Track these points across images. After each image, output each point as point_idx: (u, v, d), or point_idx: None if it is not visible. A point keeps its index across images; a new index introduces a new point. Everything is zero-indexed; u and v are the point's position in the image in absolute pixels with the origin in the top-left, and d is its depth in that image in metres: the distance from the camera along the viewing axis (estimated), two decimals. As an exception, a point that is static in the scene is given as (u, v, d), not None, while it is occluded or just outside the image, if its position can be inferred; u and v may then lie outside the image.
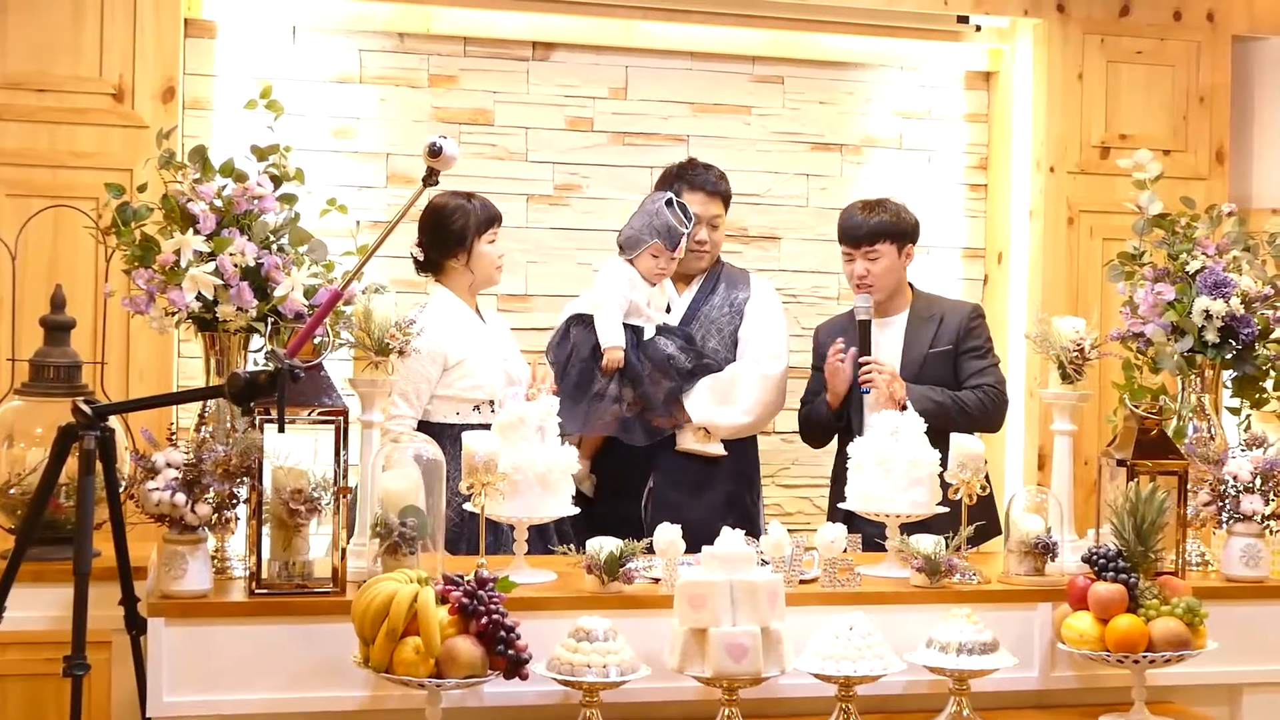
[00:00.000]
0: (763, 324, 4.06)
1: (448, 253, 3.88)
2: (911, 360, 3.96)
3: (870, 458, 3.40)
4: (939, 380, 3.93)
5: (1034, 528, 3.27)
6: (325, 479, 2.93)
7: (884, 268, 3.98)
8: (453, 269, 3.90)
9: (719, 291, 4.07)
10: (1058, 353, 3.41)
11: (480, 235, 3.86)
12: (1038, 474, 4.78)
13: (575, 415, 3.82)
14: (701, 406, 3.93)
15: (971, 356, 3.98)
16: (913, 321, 4.02)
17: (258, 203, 3.20)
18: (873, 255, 3.98)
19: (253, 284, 3.12)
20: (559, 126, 4.83)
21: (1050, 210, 4.90)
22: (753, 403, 3.99)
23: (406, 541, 2.93)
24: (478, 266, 3.88)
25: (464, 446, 3.10)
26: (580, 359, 3.90)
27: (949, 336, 3.99)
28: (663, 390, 3.88)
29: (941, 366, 3.97)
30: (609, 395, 3.86)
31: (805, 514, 4.99)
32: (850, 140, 5.07)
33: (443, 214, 3.87)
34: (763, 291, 4.14)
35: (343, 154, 4.65)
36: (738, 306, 4.05)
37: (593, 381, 3.87)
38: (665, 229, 3.90)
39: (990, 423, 3.97)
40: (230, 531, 3.07)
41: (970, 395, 3.92)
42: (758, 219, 4.98)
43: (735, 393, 3.97)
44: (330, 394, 2.99)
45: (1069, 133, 4.91)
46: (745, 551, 2.91)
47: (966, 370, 3.97)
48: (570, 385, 3.86)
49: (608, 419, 3.87)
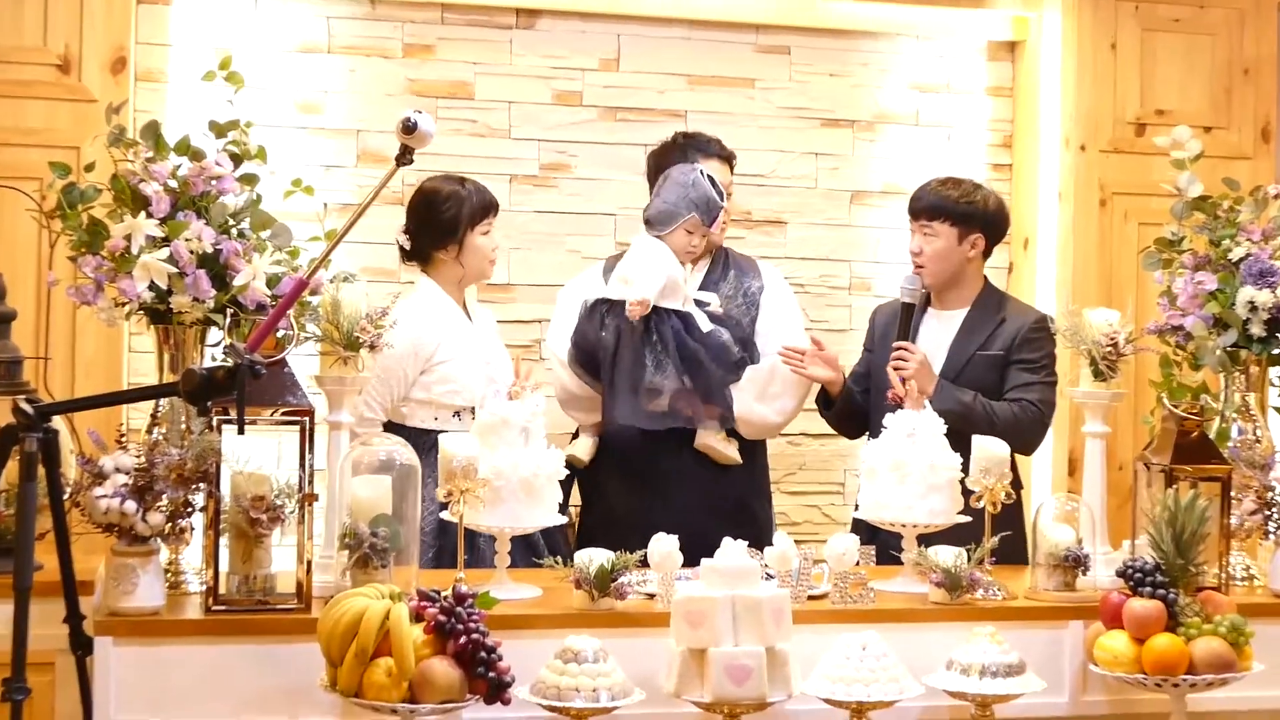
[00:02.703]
0: (786, 318, 4.07)
1: (437, 243, 3.87)
2: (956, 359, 3.95)
3: (884, 462, 3.39)
4: (982, 388, 3.90)
5: (1064, 539, 3.27)
6: (289, 485, 2.93)
7: (937, 250, 3.97)
8: (441, 261, 3.89)
9: (729, 279, 4.06)
10: (1089, 347, 3.40)
11: (474, 226, 3.85)
12: (1068, 480, 4.78)
13: (632, 410, 3.83)
14: (743, 397, 3.94)
15: (1022, 368, 3.92)
16: (971, 318, 4.00)
17: (216, 184, 3.18)
18: (928, 232, 3.97)
19: (210, 272, 3.11)
20: (545, 101, 4.83)
21: (1081, 192, 4.90)
22: (786, 404, 4.01)
23: (378, 553, 2.92)
24: (469, 260, 3.87)
25: (441, 450, 3.09)
26: (632, 344, 3.84)
27: (1003, 342, 3.94)
28: (718, 379, 3.88)
29: (988, 372, 3.93)
30: (668, 388, 3.83)
31: (813, 523, 4.99)
32: (862, 116, 5.06)
33: (434, 200, 3.86)
34: (778, 282, 4.14)
35: (309, 131, 4.64)
36: (752, 297, 4.05)
37: (645, 369, 3.83)
38: (704, 201, 3.88)
39: (1021, 442, 3.87)
40: (185, 543, 3.06)
41: (1005, 407, 3.87)
42: (762, 202, 4.97)
43: (772, 388, 3.98)
44: (294, 392, 2.98)
45: (1101, 108, 4.91)
46: (748, 564, 2.90)
47: (1013, 381, 3.92)
48: (624, 373, 3.83)
49: (664, 406, 3.85)
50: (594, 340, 3.89)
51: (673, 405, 3.85)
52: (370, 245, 4.41)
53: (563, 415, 4.09)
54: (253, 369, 2.64)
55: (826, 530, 4.73)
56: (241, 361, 2.63)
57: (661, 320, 3.83)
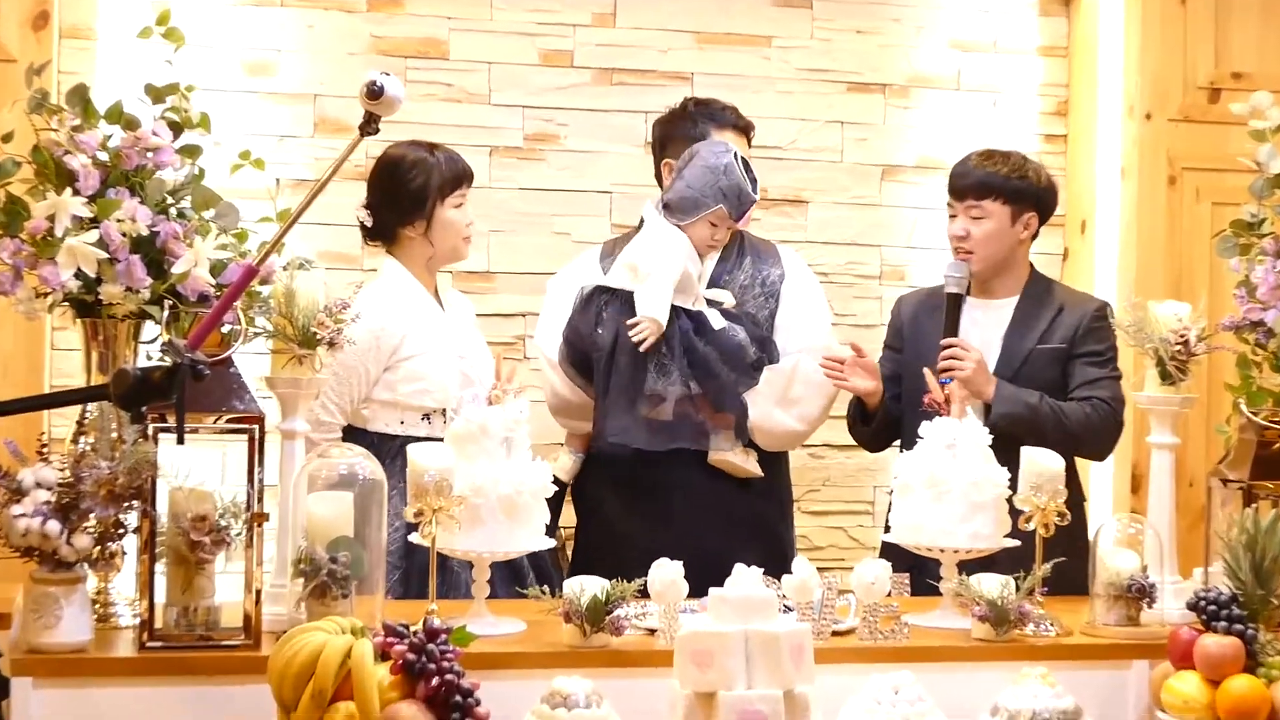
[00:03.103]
0: (810, 311, 4.07)
1: (403, 218, 3.87)
2: (1012, 355, 3.96)
3: (920, 477, 3.39)
4: (1040, 386, 3.91)
5: (1127, 566, 3.27)
6: (235, 503, 2.92)
7: (988, 232, 3.98)
8: (408, 239, 3.89)
9: (745, 267, 4.06)
10: (1155, 346, 3.41)
11: (444, 198, 3.85)
12: (1131, 499, 4.79)
13: (631, 423, 3.83)
14: (760, 403, 3.93)
15: (1087, 362, 3.96)
16: (1023, 308, 4.02)
17: (152, 156, 3.19)
18: (976, 213, 3.98)
19: (145, 258, 3.11)
20: (530, 62, 4.83)
21: (1146, 167, 4.91)
22: (811, 411, 4.02)
23: (337, 582, 2.92)
24: (439, 237, 3.87)
25: (410, 462, 3.09)
26: (630, 348, 3.83)
27: (1064, 334, 3.97)
28: (731, 383, 3.88)
29: (1048, 368, 3.95)
30: (672, 395, 3.83)
31: (839, 548, 4.99)
32: (895, 79, 5.07)
33: (399, 169, 3.86)
34: (800, 270, 4.14)
35: (259, 95, 4.64)
36: (771, 287, 4.04)
37: (646, 376, 3.83)
38: (735, 192, 3.88)
39: (1096, 446, 3.96)
40: (115, 569, 3.06)
41: (1075, 407, 3.89)
42: (780, 178, 4.98)
43: (794, 391, 3.98)
44: (242, 396, 2.98)
45: (1169, 71, 4.91)
46: (764, 595, 2.90)
47: (1079, 378, 3.95)
48: (621, 382, 3.84)
49: (667, 415, 3.85)
50: (589, 337, 3.89)
51: (678, 416, 3.84)
52: (329, 227, 4.41)
53: (551, 422, 4.09)
54: (194, 369, 2.63)
55: (853, 556, 4.73)
56: (181, 361, 2.62)
57: (669, 320, 3.82)
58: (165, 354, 2.66)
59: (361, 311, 3.32)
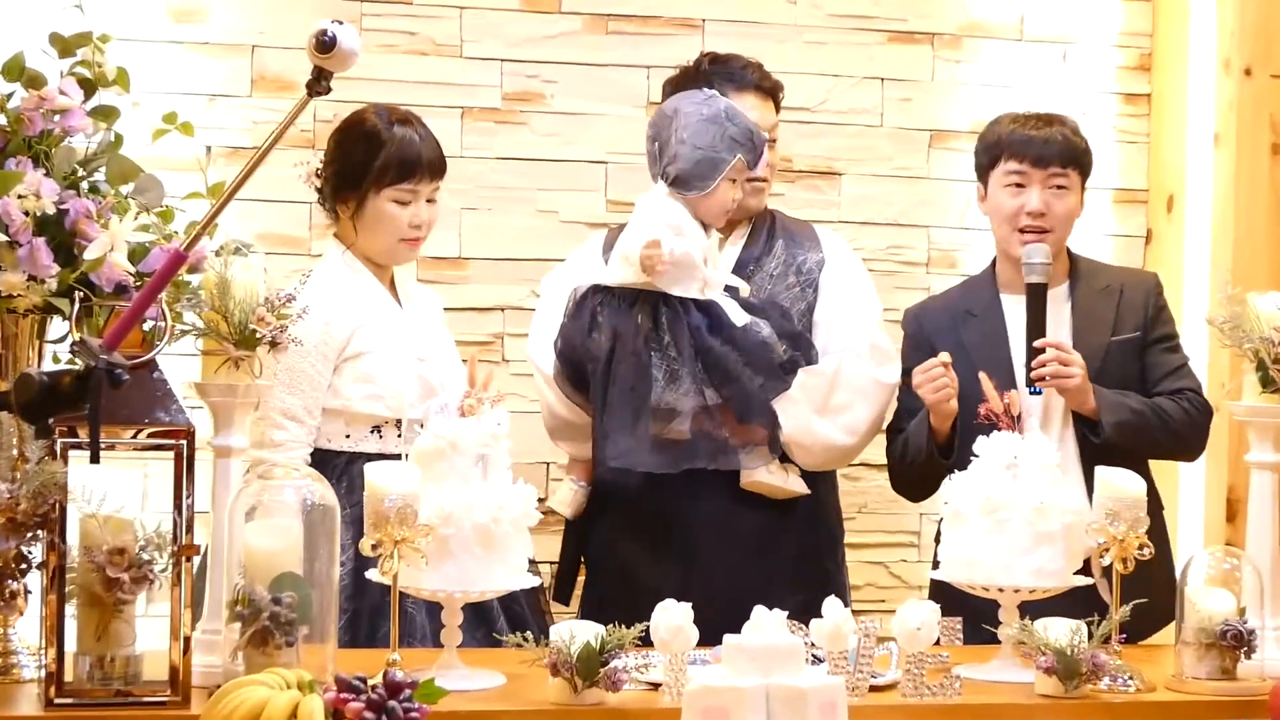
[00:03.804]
0: (857, 303, 4.08)
1: (337, 192, 3.88)
2: (1090, 352, 3.99)
3: (974, 503, 3.41)
4: (1122, 382, 4.00)
5: (1221, 609, 3.28)
6: (160, 534, 2.93)
7: (1068, 209, 4.07)
8: (342, 219, 3.90)
9: (776, 251, 4.07)
10: (1255, 346, 3.42)
11: (382, 185, 3.83)
12: (1225, 529, 4.79)
13: (634, 443, 3.83)
14: (796, 412, 3.93)
15: (1165, 349, 4.10)
16: (1083, 296, 4.09)
17: (60, 120, 3.20)
18: (1061, 183, 4.05)
19: (52, 241, 3.12)
20: (511, 6, 4.84)
21: (1246, 134, 4.92)
22: (860, 419, 4.01)
23: (281, 627, 2.93)
24: (366, 227, 3.87)
25: (368, 485, 3.09)
26: (631, 352, 3.84)
27: (1136, 320, 4.08)
28: (756, 389, 3.87)
29: (1128, 363, 4.05)
30: (687, 408, 3.82)
31: (879, 586, 5.00)
32: (945, 28, 5.09)
33: (352, 134, 3.88)
34: (843, 255, 4.16)
35: (186, 47, 4.65)
36: (808, 275, 4.06)
37: (652, 386, 3.83)
38: (746, 135, 3.89)
39: (1195, 444, 4.12)
40: (18, 611, 3.07)
41: (1173, 405, 4.01)
42: (807, 146, 4.99)
43: (837, 398, 3.98)
44: (168, 406, 2.99)
45: (1274, 18, 4.92)
46: (789, 643, 2.91)
47: (1160, 368, 4.07)
48: (622, 395, 3.84)
49: (683, 433, 3.83)
50: (582, 345, 3.89)
51: (695, 433, 3.83)
52: (271, 205, 4.43)
53: (536, 437, 4.11)
54: (111, 374, 2.65)
55: (896, 596, 4.75)
56: (95, 364, 2.64)
57: (675, 315, 3.83)
58: (76, 355, 2.68)
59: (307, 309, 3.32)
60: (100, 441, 2.68)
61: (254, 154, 2.85)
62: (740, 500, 3.93)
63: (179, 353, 3.12)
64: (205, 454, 3.09)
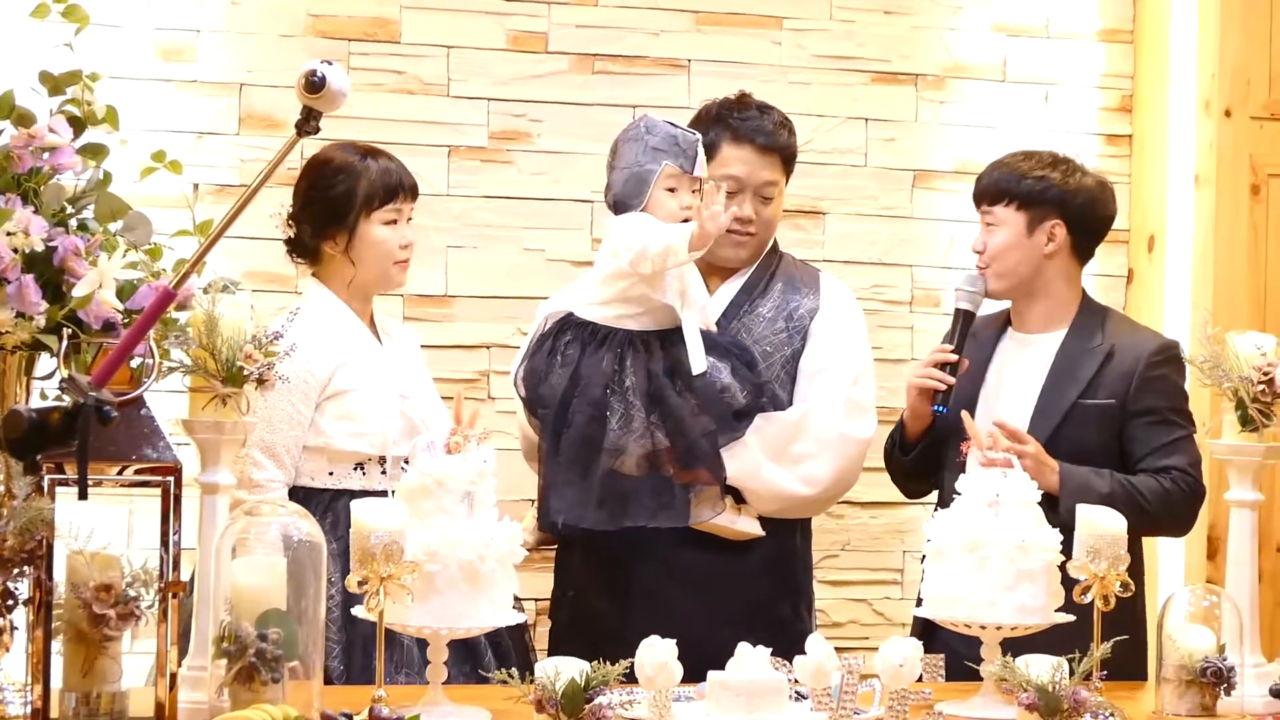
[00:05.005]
0: (841, 353, 4.03)
1: (323, 231, 3.88)
2: (1050, 409, 3.97)
3: (956, 540, 3.41)
4: (1085, 447, 3.92)
5: (1200, 646, 3.28)
6: (146, 570, 2.92)
7: (1002, 244, 4.03)
8: (329, 257, 3.90)
9: (771, 295, 4.05)
10: (1235, 385, 3.43)
11: (370, 210, 3.85)
12: (1206, 566, 4.80)
13: (583, 496, 3.79)
14: (746, 456, 3.90)
15: (1151, 422, 3.97)
16: (1068, 350, 4.03)
17: (49, 157, 3.19)
18: (989, 221, 4.05)
19: (40, 278, 3.12)
20: (498, 45, 4.86)
21: (1226, 174, 4.94)
22: (822, 471, 3.96)
23: (267, 663, 2.92)
24: (361, 256, 3.87)
25: (354, 522, 3.09)
26: (590, 402, 3.80)
27: (1113, 386, 3.98)
28: (697, 433, 3.81)
29: (1095, 428, 3.97)
30: (635, 451, 3.78)
31: (861, 624, 5.00)
32: (928, 69, 5.11)
33: (322, 173, 3.88)
34: (839, 304, 4.11)
35: (176, 85, 4.66)
36: (798, 321, 4.03)
37: (606, 434, 3.79)
38: (670, 142, 3.84)
39: (1179, 525, 4.05)
40: (3, 648, 3.06)
41: (1151, 484, 3.91)
42: (792, 185, 4.93)
43: (797, 447, 3.95)
44: (155, 443, 2.99)
45: (1254, 59, 4.95)
46: (772, 679, 2.92)
47: (1144, 443, 3.96)
48: (573, 445, 3.80)
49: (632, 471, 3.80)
50: (543, 384, 3.86)
51: (641, 477, 3.80)
52: (259, 242, 4.42)
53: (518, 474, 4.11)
54: (99, 411, 2.65)
55: (879, 634, 4.75)
56: (84, 400, 2.64)
57: (639, 357, 3.81)
58: (64, 392, 2.68)
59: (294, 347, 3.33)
60: (88, 478, 2.68)
61: (243, 193, 2.85)
62: (691, 540, 3.90)
63: (166, 389, 3.12)
64: (192, 491, 3.09)
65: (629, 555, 3.90)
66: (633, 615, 3.80)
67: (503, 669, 3.17)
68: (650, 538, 3.85)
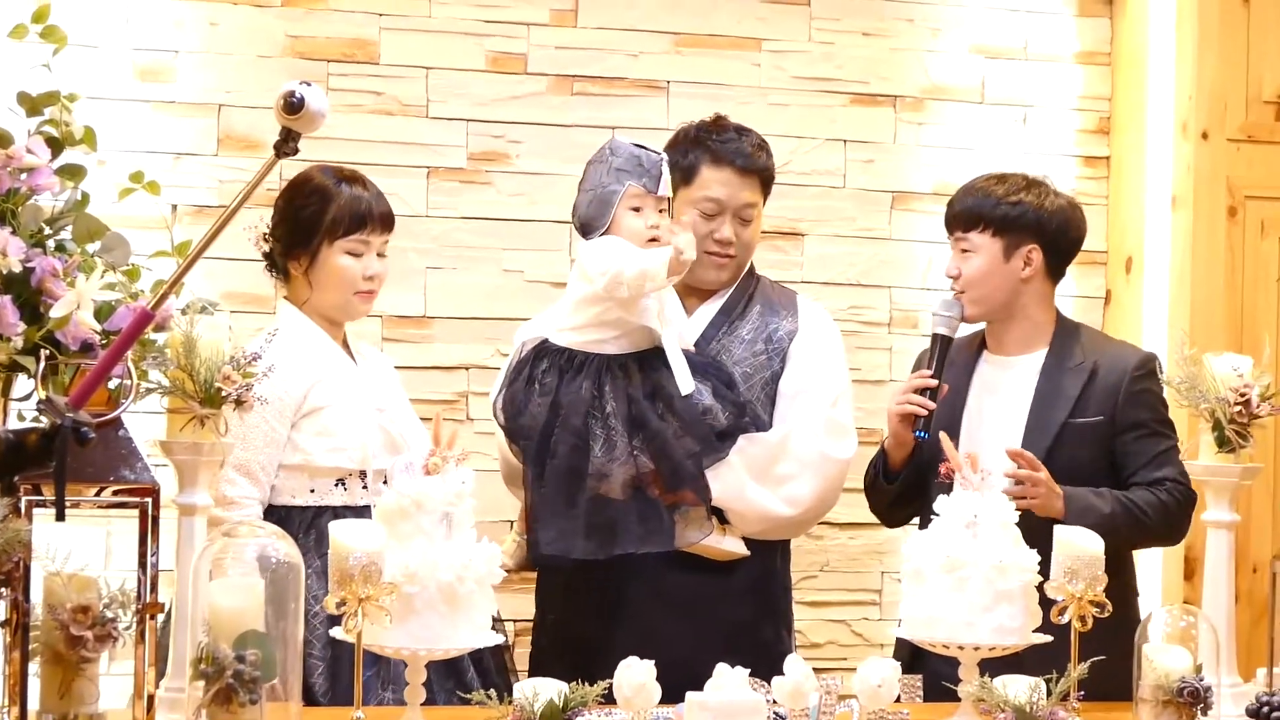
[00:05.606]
0: (820, 376, 4.03)
1: (289, 250, 3.88)
2: (1040, 431, 3.99)
3: (934, 561, 3.41)
4: (1077, 465, 3.94)
5: (1177, 666, 3.28)
6: (124, 592, 2.92)
7: (977, 270, 4.04)
8: (294, 278, 3.90)
9: (749, 317, 4.05)
10: (1212, 406, 3.44)
11: (335, 238, 3.84)
12: (1183, 586, 4.81)
13: (568, 526, 3.77)
14: (730, 478, 3.90)
15: (1140, 436, 4.00)
16: (1051, 371, 4.04)
17: (26, 178, 3.19)
18: (964, 246, 4.05)
19: (18, 299, 3.11)
20: (476, 66, 4.87)
21: (1203, 196, 4.96)
22: (805, 492, 3.96)
23: (245, 685, 2.92)
24: (319, 281, 3.85)
25: (332, 543, 3.09)
26: (571, 431, 3.78)
27: (1102, 403, 4.00)
28: (681, 455, 3.81)
29: (1087, 445, 3.98)
30: (620, 476, 3.78)
31: (840, 645, 5.00)
32: (907, 90, 5.12)
33: (301, 191, 3.88)
34: (817, 326, 4.10)
35: (154, 106, 4.66)
36: (777, 343, 4.03)
37: (590, 462, 3.77)
38: (633, 162, 3.84)
39: (1173, 534, 4.08)
40: (-20, 670, 3.06)
41: (1150, 499, 3.94)
42: (771, 206, 4.95)
43: (780, 468, 3.95)
44: (133, 464, 2.99)
45: (1230, 82, 4.96)
46: (750, 700, 2.92)
47: (1136, 457, 3.99)
48: (558, 474, 3.79)
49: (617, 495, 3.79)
50: (523, 414, 3.85)
51: (627, 500, 3.80)
52: (238, 264, 4.42)
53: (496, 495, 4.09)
54: (77, 432, 2.65)
55: (857, 654, 4.75)
56: (61, 422, 2.64)
57: (618, 382, 3.82)
58: (42, 413, 2.68)
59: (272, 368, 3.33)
60: (65, 499, 2.68)
61: (221, 213, 2.84)
62: (676, 562, 3.89)
63: (144, 410, 3.12)
64: (170, 512, 3.09)
65: (615, 578, 3.89)
66: (618, 637, 3.80)
67: (484, 688, 3.18)
68: (636, 560, 3.84)
